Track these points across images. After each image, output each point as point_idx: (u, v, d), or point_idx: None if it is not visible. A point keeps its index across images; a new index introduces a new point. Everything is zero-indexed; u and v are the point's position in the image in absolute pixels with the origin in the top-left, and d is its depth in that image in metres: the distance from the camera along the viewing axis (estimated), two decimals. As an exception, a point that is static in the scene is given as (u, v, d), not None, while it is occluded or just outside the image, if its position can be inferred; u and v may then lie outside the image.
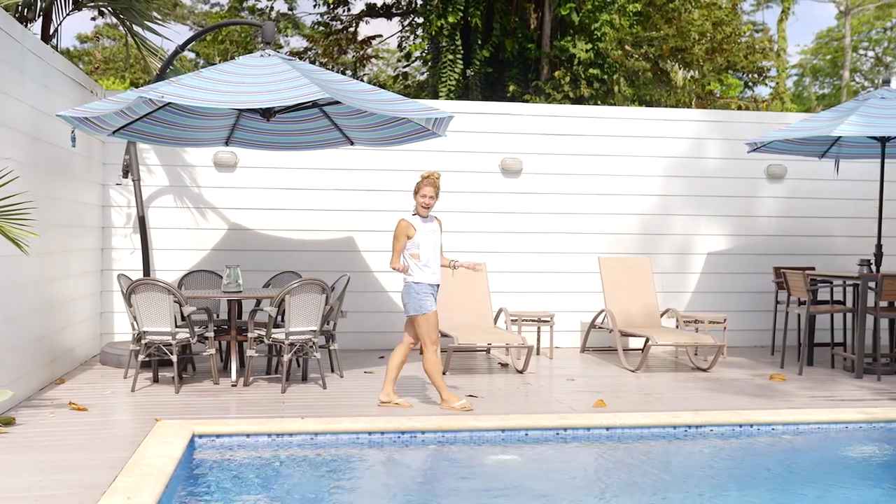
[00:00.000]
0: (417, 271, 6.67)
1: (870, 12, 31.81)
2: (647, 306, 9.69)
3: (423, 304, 6.65)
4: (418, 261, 6.66)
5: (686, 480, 5.43)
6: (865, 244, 10.66)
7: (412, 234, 6.67)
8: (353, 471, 5.59)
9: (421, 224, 6.73)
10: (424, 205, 6.69)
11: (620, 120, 10.67)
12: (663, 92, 17.91)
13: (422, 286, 6.66)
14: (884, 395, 7.59)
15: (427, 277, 6.68)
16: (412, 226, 6.69)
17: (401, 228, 6.69)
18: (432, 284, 6.71)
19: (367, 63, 22.22)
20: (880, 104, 8.52)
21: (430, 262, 6.71)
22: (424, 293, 6.66)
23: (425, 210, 6.73)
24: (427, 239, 6.71)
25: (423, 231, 6.70)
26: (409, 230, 6.67)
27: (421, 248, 6.68)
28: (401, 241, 6.68)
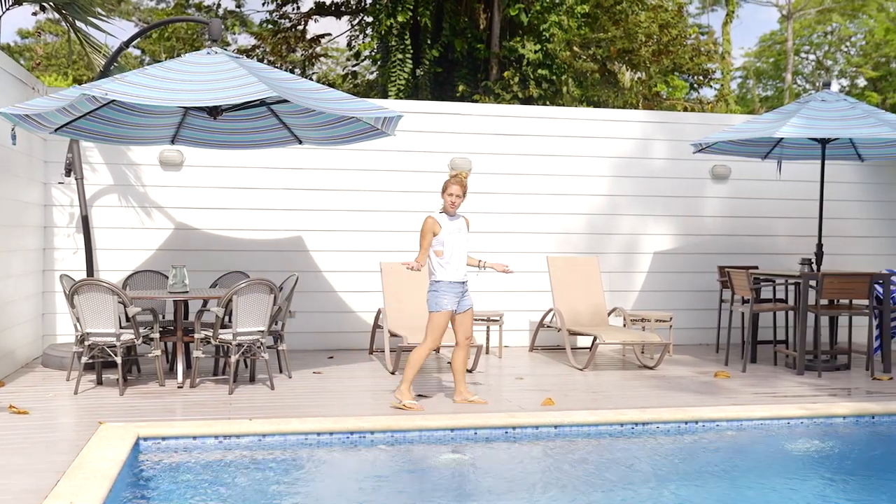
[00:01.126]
0: (440, 269, 6.76)
1: (811, 16, 32.50)
2: (595, 305, 9.78)
3: (440, 302, 6.74)
4: (441, 258, 6.75)
5: (632, 477, 5.49)
6: (807, 243, 10.89)
7: (438, 232, 6.75)
8: (301, 472, 5.55)
9: (447, 222, 6.83)
10: (451, 203, 6.79)
11: (569, 120, 10.75)
12: (611, 93, 18.11)
13: (443, 284, 6.76)
14: (824, 390, 7.76)
15: (449, 275, 6.76)
16: (438, 223, 6.78)
17: (427, 225, 6.78)
18: (455, 282, 6.79)
19: (315, 61, 22.10)
20: (821, 107, 8.71)
21: (454, 260, 6.78)
22: (444, 291, 6.75)
23: (452, 208, 6.82)
24: (452, 237, 6.79)
25: (448, 229, 6.80)
26: (436, 227, 6.76)
27: (445, 245, 6.76)
28: (427, 238, 6.76)
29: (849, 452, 6.30)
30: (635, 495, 5.12)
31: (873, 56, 30.89)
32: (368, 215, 10.16)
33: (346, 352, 9.82)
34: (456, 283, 6.80)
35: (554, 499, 5.00)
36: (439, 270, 6.76)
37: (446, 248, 6.76)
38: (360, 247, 10.12)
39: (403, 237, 10.19)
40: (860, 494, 5.26)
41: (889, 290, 8.86)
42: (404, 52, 17.26)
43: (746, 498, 5.19)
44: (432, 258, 6.80)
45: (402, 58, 17.22)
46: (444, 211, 6.87)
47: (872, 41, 30.81)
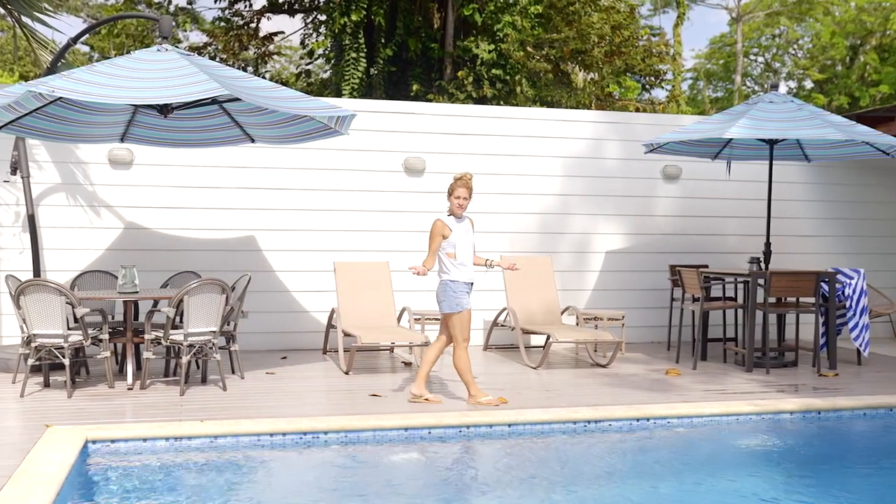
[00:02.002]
0: (454, 270, 6.84)
1: (760, 19, 33.02)
2: (548, 304, 9.84)
3: (460, 302, 6.82)
4: (454, 260, 6.84)
5: (585, 474, 5.54)
6: (755, 242, 11.07)
7: (447, 234, 6.84)
8: (254, 474, 5.51)
9: (455, 224, 6.91)
10: (459, 206, 6.87)
11: (522, 120, 10.81)
12: (564, 93, 18.22)
13: (458, 284, 6.83)
14: (772, 387, 7.89)
15: (462, 276, 6.85)
16: (447, 226, 6.85)
17: (437, 228, 6.85)
18: (467, 282, 6.88)
19: (268, 60, 21.92)
20: (769, 108, 8.86)
21: (465, 261, 6.89)
22: (460, 291, 6.83)
23: (460, 210, 6.89)
24: (462, 238, 6.88)
25: (458, 231, 6.88)
26: (445, 230, 6.84)
27: (457, 247, 6.85)
28: (436, 241, 6.84)
29: (796, 447, 6.42)
30: (588, 493, 5.16)
31: (820, 59, 31.51)
32: (322, 215, 10.11)
33: (300, 352, 9.76)
34: (468, 284, 6.92)
35: (507, 497, 5.02)
36: (454, 271, 6.86)
37: (458, 250, 6.86)
38: (314, 246, 10.06)
39: (357, 236, 10.16)
40: (807, 488, 5.36)
41: (835, 289, 9.04)
42: (358, 50, 17.21)
43: (697, 493, 5.27)
44: (444, 260, 6.88)
45: (355, 57, 17.17)
46: (451, 213, 6.95)
47: (819, 44, 31.43)
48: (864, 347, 9.26)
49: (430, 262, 6.86)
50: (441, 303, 6.89)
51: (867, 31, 29.87)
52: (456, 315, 6.82)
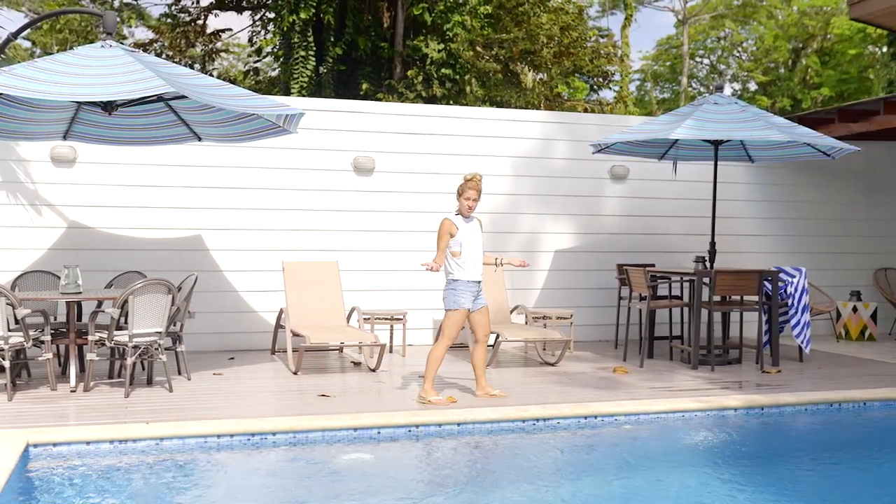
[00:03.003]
0: (458, 269, 6.96)
1: (705, 22, 33.55)
2: (497, 303, 9.88)
3: (458, 301, 6.94)
4: (459, 258, 6.96)
5: (534, 472, 5.57)
6: (701, 242, 11.24)
7: (455, 233, 6.97)
8: (201, 476, 5.44)
9: (463, 224, 7.04)
10: (469, 207, 7.02)
11: (472, 120, 10.84)
12: (513, 93, 18.32)
13: (461, 283, 6.96)
14: (717, 384, 8.02)
15: (467, 275, 6.97)
16: (455, 225, 7.00)
17: (444, 227, 6.98)
18: (472, 281, 6.99)
19: (216, 57, 21.67)
20: (713, 109, 9.00)
21: (471, 260, 6.99)
22: (462, 290, 6.95)
23: (469, 212, 7.05)
24: (469, 238, 7.01)
25: (465, 230, 7.02)
26: (452, 229, 6.98)
27: (463, 246, 6.96)
28: (444, 240, 6.97)
29: (740, 443, 6.53)
30: (537, 490, 5.20)
31: (763, 61, 32.11)
32: (270, 214, 10.03)
33: (248, 352, 9.67)
34: (473, 283, 7.02)
35: (455, 495, 5.03)
36: (458, 270, 6.97)
37: (464, 249, 6.97)
38: (262, 246, 9.98)
39: (306, 236, 10.10)
40: (751, 483, 5.46)
41: (777, 287, 9.21)
42: (307, 49, 17.11)
43: (644, 489, 5.33)
44: (449, 259, 7.00)
45: (304, 55, 17.07)
46: (460, 213, 7.08)
47: (763, 47, 32.02)
48: (805, 344, 9.46)
49: (440, 260, 6.98)
50: (444, 300, 7.05)
51: (809, 34, 30.53)
52: (451, 312, 6.96)
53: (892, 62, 20.60)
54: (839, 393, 7.54)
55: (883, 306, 12.18)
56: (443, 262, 6.99)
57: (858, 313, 11.50)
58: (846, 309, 11.57)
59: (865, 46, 27.81)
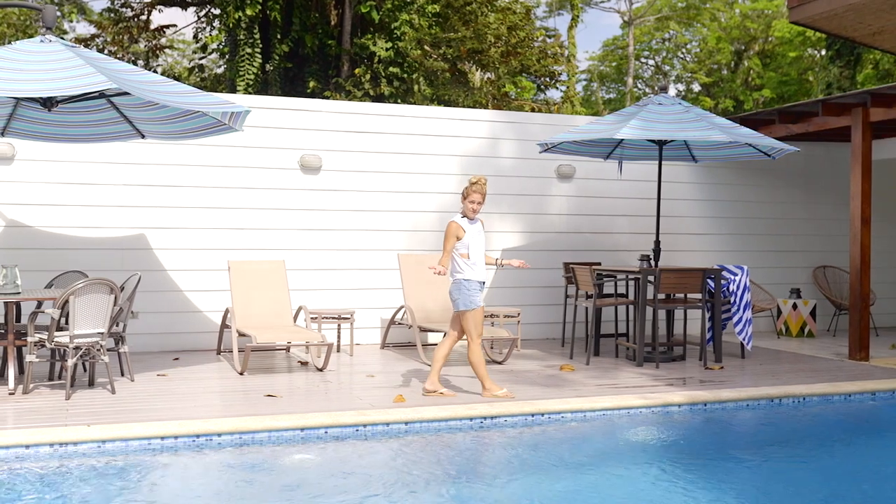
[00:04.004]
0: (468, 269, 7.10)
1: (650, 23, 33.97)
2: (446, 302, 9.87)
3: (473, 300, 7.08)
4: (468, 260, 7.11)
5: (482, 470, 5.60)
6: (646, 240, 11.39)
7: (462, 236, 7.11)
8: (144, 479, 5.35)
9: (469, 226, 7.18)
10: (474, 210, 7.17)
11: (419, 119, 10.84)
12: (461, 92, 18.36)
13: (472, 283, 7.10)
14: (661, 380, 8.13)
15: (475, 275, 7.12)
16: (462, 227, 7.13)
17: (451, 230, 7.11)
18: (480, 281, 7.15)
19: (160, 53, 21.36)
20: (658, 109, 9.12)
21: (478, 261, 7.16)
22: (474, 290, 7.10)
23: (474, 214, 7.20)
24: (475, 239, 7.16)
25: (471, 232, 7.16)
26: (460, 231, 7.11)
27: (470, 248, 7.11)
28: (451, 242, 7.11)
29: (684, 439, 6.63)
30: (483, 488, 5.21)
31: (707, 63, 32.62)
32: (215, 213, 9.91)
33: (193, 353, 9.55)
34: (481, 283, 7.18)
35: (404, 495, 5.03)
36: (467, 270, 7.11)
37: (471, 251, 7.12)
38: (207, 245, 9.86)
39: (252, 235, 10.00)
40: (695, 478, 5.55)
41: (720, 285, 9.37)
42: (253, 46, 16.96)
43: (590, 486, 5.38)
44: (458, 260, 7.13)
45: (250, 52, 16.91)
46: (465, 215, 7.20)
47: (706, 49, 32.53)
48: (747, 341, 9.63)
49: (445, 262, 7.09)
50: (455, 301, 7.15)
51: (751, 37, 31.10)
52: (470, 312, 7.09)
53: (831, 65, 21.08)
54: (779, 388, 7.70)
55: (822, 303, 12.47)
56: (448, 264, 7.12)
57: (798, 310, 11.75)
58: (786, 306, 11.82)
59: (805, 49, 28.42)
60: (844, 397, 7.75)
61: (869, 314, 9.76)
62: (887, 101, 9.48)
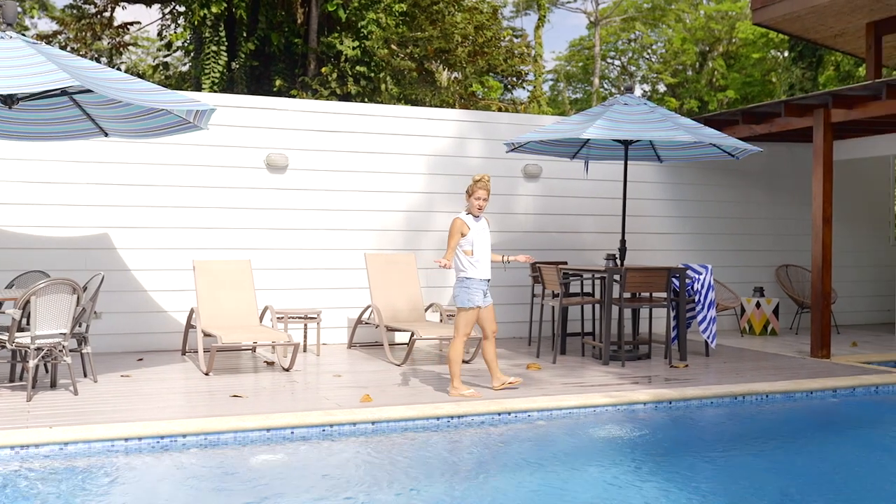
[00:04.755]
0: (470, 267, 7.16)
1: (616, 24, 34.18)
2: (412, 301, 9.89)
3: (472, 299, 7.14)
4: (471, 257, 7.15)
5: (448, 469, 5.60)
6: (611, 239, 11.47)
7: (466, 232, 7.16)
8: (107, 481, 5.29)
9: (473, 223, 7.23)
10: (479, 207, 7.23)
11: (386, 118, 10.82)
12: (428, 92, 18.36)
13: (473, 281, 7.16)
14: (627, 379, 8.19)
15: (479, 273, 7.18)
16: (466, 224, 7.18)
17: (456, 227, 7.16)
18: (483, 279, 7.21)
19: (124, 51, 21.13)
20: (623, 110, 9.18)
21: (483, 259, 7.21)
22: (475, 288, 7.16)
23: (480, 211, 7.25)
24: (479, 236, 7.21)
25: (475, 229, 7.21)
26: (464, 228, 7.16)
27: (474, 245, 7.16)
28: (455, 239, 7.16)
29: (650, 436, 6.68)
30: (450, 487, 5.22)
31: (672, 64, 32.89)
32: (180, 212, 9.83)
33: (158, 353, 9.46)
34: (484, 281, 7.23)
35: (371, 495, 5.02)
36: (470, 269, 7.17)
37: (475, 248, 7.16)
38: (172, 244, 9.77)
39: (217, 234, 9.93)
40: (661, 475, 5.59)
41: (685, 283, 9.45)
42: (219, 44, 16.83)
43: (555, 484, 5.41)
44: (461, 257, 7.18)
45: (216, 50, 16.79)
46: (470, 213, 7.25)
47: (671, 50, 32.80)
48: (711, 339, 9.73)
49: (449, 257, 7.12)
50: (455, 297, 7.24)
51: (715, 38, 31.40)
52: (465, 310, 7.15)
53: (793, 66, 21.35)
54: (743, 386, 7.79)
55: (785, 302, 12.63)
56: (452, 260, 7.15)
57: (761, 309, 11.89)
58: (750, 305, 11.96)
59: (768, 51, 28.75)
60: (806, 394, 7.86)
61: (830, 312, 9.90)
62: (848, 103, 9.61)
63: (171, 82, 20.05)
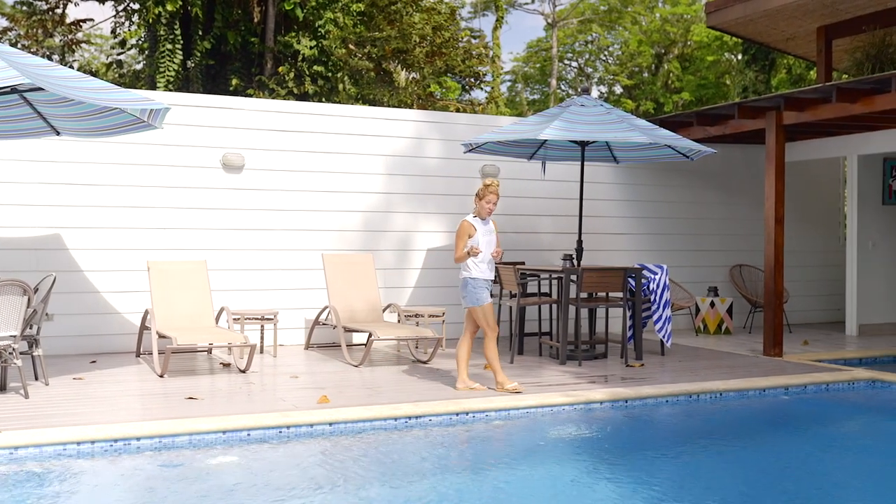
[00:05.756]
0: (474, 268, 7.41)
1: (573, 26, 34.40)
2: (370, 302, 9.87)
3: (479, 297, 7.39)
4: (475, 258, 7.36)
5: (406, 470, 5.59)
6: (569, 240, 11.53)
7: (473, 234, 7.40)
8: (60, 487, 5.20)
9: (480, 225, 7.48)
10: (489, 210, 7.49)
11: (344, 118, 10.78)
12: (386, 92, 18.32)
13: (478, 281, 7.41)
14: (584, 378, 8.25)
15: (483, 273, 7.42)
16: (473, 226, 7.44)
17: (463, 229, 7.43)
18: (487, 279, 7.44)
19: (76, 48, 20.80)
20: (580, 111, 9.24)
21: (486, 260, 7.43)
22: (480, 287, 7.40)
23: (489, 214, 7.52)
24: (485, 239, 7.44)
25: (482, 231, 7.46)
26: (471, 230, 7.42)
27: (480, 246, 7.36)
28: (462, 240, 7.41)
29: (606, 435, 6.74)
30: (407, 488, 5.21)
31: (628, 66, 33.18)
32: (134, 212, 9.70)
33: (111, 355, 9.32)
34: (488, 281, 7.45)
35: (327, 495, 5.00)
36: (474, 269, 7.41)
37: (481, 249, 7.32)
38: (126, 245, 9.63)
39: (172, 234, 9.82)
40: (618, 473, 5.64)
41: (640, 284, 9.55)
42: (174, 42, 16.65)
43: (512, 483, 5.43)
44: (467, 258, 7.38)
45: (171, 48, 16.60)
46: (478, 215, 7.51)
47: (627, 52, 33.09)
48: (666, 339, 9.84)
49: (459, 255, 7.39)
50: (463, 298, 7.49)
51: (670, 41, 31.74)
52: (478, 308, 7.40)
53: (747, 69, 21.67)
54: (697, 384, 7.89)
55: (738, 301, 12.81)
56: (465, 251, 7.34)
57: (716, 308, 12.05)
58: (704, 304, 12.11)
59: (722, 54, 29.13)
60: (759, 392, 7.98)
61: (783, 311, 10.07)
62: (799, 105, 9.78)
63: (124, 81, 19.78)
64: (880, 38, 12.01)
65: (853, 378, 8.40)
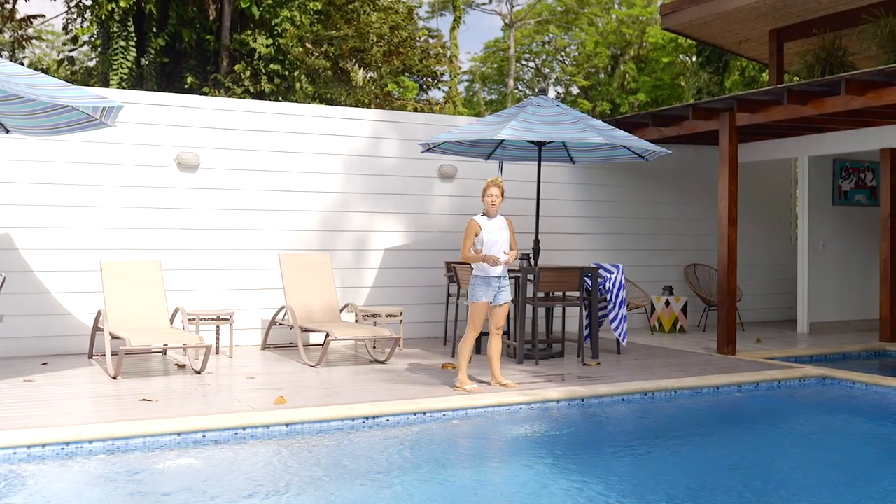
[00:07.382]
0: (477, 265, 7.48)
1: (531, 27, 34.56)
2: (327, 302, 9.83)
3: (476, 294, 7.49)
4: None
5: (364, 471, 5.57)
6: (526, 239, 11.57)
7: (479, 232, 7.45)
8: (9, 492, 5.10)
9: (487, 223, 7.52)
10: (491, 203, 7.51)
11: (301, 117, 10.72)
12: (343, 91, 18.25)
13: (479, 279, 7.50)
14: (541, 377, 8.29)
15: (485, 271, 7.48)
16: (479, 224, 7.49)
17: (469, 227, 7.52)
18: (491, 276, 7.48)
19: (27, 45, 20.40)
20: (537, 111, 9.29)
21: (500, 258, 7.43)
22: (481, 285, 7.48)
23: (493, 208, 7.53)
24: (492, 237, 7.45)
25: (488, 229, 7.48)
26: (476, 228, 7.47)
27: (485, 244, 7.42)
28: (469, 240, 7.48)
29: (563, 434, 6.78)
30: (364, 489, 5.20)
31: (585, 66, 33.42)
32: (87, 211, 9.55)
33: (63, 357, 9.17)
34: (492, 278, 7.49)
35: (284, 497, 4.97)
36: (477, 266, 7.49)
37: (485, 247, 7.42)
38: (78, 245, 9.48)
39: (126, 234, 9.69)
40: (574, 471, 5.68)
41: (597, 283, 9.62)
42: (127, 39, 16.43)
43: (470, 482, 5.44)
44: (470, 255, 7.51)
45: (125, 45, 16.38)
46: (486, 213, 7.56)
47: (584, 53, 33.32)
48: (622, 337, 9.93)
49: (472, 259, 7.46)
50: (467, 294, 7.62)
51: (626, 42, 32.03)
52: (473, 304, 7.51)
53: (701, 71, 21.93)
54: (652, 383, 7.97)
55: (693, 300, 12.97)
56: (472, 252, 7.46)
57: (671, 307, 12.19)
58: (660, 303, 12.25)
59: (677, 55, 29.46)
60: (713, 390, 8.09)
61: (736, 310, 10.21)
62: (752, 107, 9.93)
63: (77, 78, 19.46)
64: (830, 42, 12.23)
65: (804, 375, 8.56)
